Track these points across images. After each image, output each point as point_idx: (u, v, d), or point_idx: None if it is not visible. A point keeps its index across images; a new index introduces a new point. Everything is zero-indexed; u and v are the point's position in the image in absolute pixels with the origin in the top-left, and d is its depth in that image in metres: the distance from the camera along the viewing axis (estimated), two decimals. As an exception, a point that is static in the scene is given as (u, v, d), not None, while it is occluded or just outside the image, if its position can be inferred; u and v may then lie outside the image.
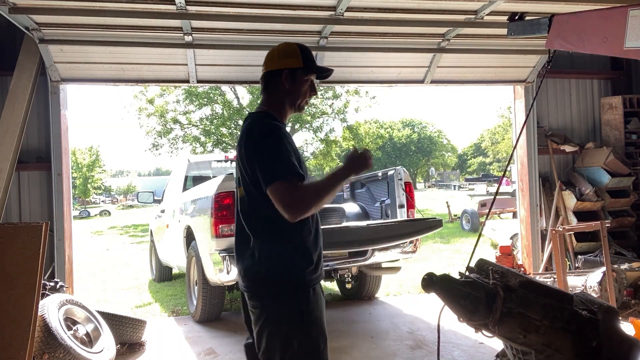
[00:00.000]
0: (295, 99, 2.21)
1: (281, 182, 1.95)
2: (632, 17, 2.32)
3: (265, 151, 2.01)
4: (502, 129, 44.39)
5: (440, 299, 2.02)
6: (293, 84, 2.19)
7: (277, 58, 2.23)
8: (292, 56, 2.20)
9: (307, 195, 1.96)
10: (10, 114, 5.26)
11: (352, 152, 2.09)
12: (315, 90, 2.28)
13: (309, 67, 2.20)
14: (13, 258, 3.17)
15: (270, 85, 2.24)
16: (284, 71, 2.18)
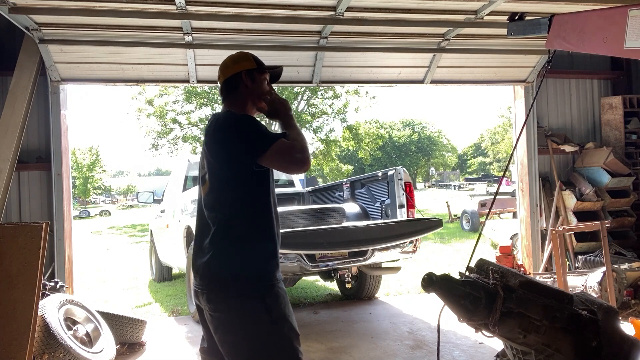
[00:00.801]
0: (258, 98, 2.32)
1: (278, 143, 2.03)
2: (632, 17, 2.32)
3: (247, 127, 2.08)
4: (502, 129, 44.38)
5: (440, 299, 2.02)
6: (254, 83, 2.30)
7: (232, 64, 2.34)
8: (245, 60, 2.33)
9: (300, 143, 2.08)
10: (10, 114, 5.26)
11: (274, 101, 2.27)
12: (271, 87, 2.40)
13: (261, 67, 2.34)
14: (13, 258, 3.17)
15: (231, 91, 2.32)
16: (242, 72, 2.29)
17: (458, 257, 9.70)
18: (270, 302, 2.02)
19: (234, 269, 2.04)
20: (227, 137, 2.09)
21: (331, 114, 23.06)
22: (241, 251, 2.05)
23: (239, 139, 2.06)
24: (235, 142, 2.06)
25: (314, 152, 23.91)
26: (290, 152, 2.04)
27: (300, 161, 2.05)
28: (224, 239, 2.08)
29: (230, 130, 2.10)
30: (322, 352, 4.54)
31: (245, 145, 2.04)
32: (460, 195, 27.72)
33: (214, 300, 2.07)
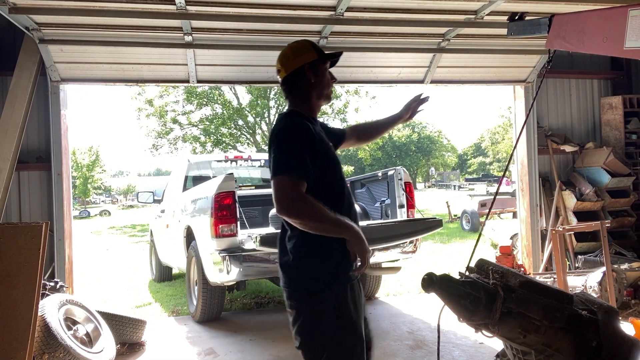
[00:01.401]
0: (322, 89, 2.26)
1: (281, 177, 2.01)
2: (632, 17, 2.32)
3: (278, 145, 2.08)
4: (502, 129, 44.37)
5: (440, 299, 2.02)
6: (317, 76, 2.23)
7: (292, 57, 2.25)
8: (307, 51, 2.25)
9: (303, 205, 1.99)
10: (10, 114, 5.26)
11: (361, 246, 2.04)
12: (333, 76, 2.33)
13: (323, 56, 2.26)
14: (13, 258, 3.17)
15: (295, 86, 2.26)
16: (305, 66, 2.21)
17: (458, 257, 9.70)
18: (341, 304, 2.06)
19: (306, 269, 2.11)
20: (269, 147, 2.15)
21: (331, 114, 23.05)
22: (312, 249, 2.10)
23: (271, 154, 2.10)
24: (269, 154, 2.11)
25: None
26: (278, 194, 2.01)
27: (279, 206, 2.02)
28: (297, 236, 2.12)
29: (271, 140, 2.14)
30: (322, 352, 4.53)
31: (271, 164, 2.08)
32: (460, 195, 27.72)
33: (289, 297, 2.15)
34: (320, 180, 2.09)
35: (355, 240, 2.02)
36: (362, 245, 2.03)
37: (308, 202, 1.99)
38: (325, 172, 2.13)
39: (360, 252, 2.03)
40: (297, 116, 2.19)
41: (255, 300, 6.72)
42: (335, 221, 2.01)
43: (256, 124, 22.93)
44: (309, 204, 1.99)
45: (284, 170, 2.02)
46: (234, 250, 4.71)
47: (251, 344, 4.87)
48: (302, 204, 1.98)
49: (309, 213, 1.99)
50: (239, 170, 8.03)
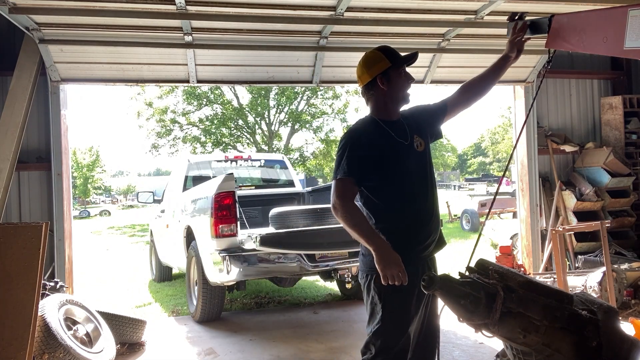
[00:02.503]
0: (397, 93, 2.47)
1: (335, 181, 2.36)
2: (632, 17, 2.32)
3: (340, 149, 2.40)
4: (502, 129, 44.35)
5: (440, 299, 2.02)
6: (390, 84, 2.43)
7: (366, 70, 2.45)
8: (378, 61, 2.43)
9: (345, 208, 2.31)
10: (10, 114, 5.26)
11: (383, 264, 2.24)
12: (410, 76, 2.53)
13: (396, 62, 2.45)
14: (13, 258, 3.17)
15: (371, 95, 2.47)
16: (378, 77, 2.42)
17: (458, 257, 9.70)
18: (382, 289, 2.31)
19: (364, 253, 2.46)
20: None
21: (331, 114, 23.06)
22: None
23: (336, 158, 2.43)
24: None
25: (314, 152, 23.92)
26: (332, 193, 2.35)
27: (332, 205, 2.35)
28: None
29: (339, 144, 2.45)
30: (322, 352, 4.54)
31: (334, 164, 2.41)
32: (460, 195, 27.70)
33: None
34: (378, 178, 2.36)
35: (378, 258, 2.22)
36: (384, 264, 2.21)
37: (348, 208, 2.31)
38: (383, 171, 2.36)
39: (380, 269, 2.21)
40: (365, 122, 2.46)
41: (255, 300, 6.72)
42: (366, 234, 2.28)
43: (256, 124, 22.93)
44: (348, 211, 2.30)
45: (336, 174, 2.35)
46: (234, 250, 4.71)
47: (251, 344, 4.87)
48: (342, 208, 2.30)
49: (345, 218, 2.30)
50: (239, 170, 8.03)
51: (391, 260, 2.21)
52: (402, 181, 2.39)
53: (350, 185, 2.33)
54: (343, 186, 2.32)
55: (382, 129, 2.42)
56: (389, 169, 2.37)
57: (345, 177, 2.32)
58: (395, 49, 2.53)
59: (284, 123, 23.34)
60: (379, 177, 2.36)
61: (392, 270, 2.20)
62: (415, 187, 2.43)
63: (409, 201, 2.40)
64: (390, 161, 2.38)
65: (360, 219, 2.31)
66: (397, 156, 2.40)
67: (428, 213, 2.49)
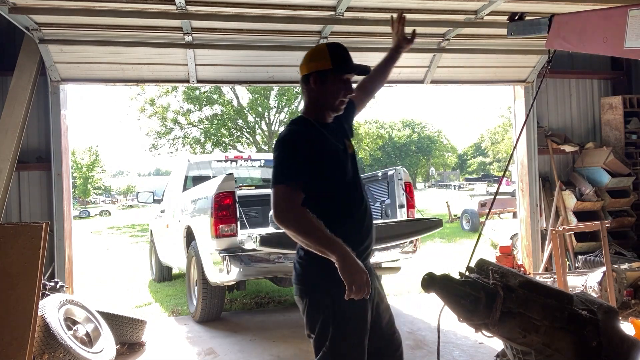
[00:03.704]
0: (328, 100, 2.23)
1: (277, 187, 2.09)
2: (632, 17, 2.32)
3: (278, 154, 2.16)
4: (502, 129, 44.36)
5: (440, 299, 2.02)
6: (322, 86, 2.20)
7: (306, 62, 2.25)
8: (320, 58, 2.21)
9: (294, 217, 2.05)
10: (10, 114, 5.26)
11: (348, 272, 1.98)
12: (351, 89, 2.27)
13: (338, 68, 2.21)
14: (13, 258, 3.17)
15: (303, 91, 2.29)
16: (312, 74, 2.21)
17: (458, 257, 9.70)
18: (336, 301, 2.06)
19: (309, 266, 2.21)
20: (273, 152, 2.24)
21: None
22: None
23: (274, 159, 2.20)
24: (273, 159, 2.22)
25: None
26: (275, 203, 2.09)
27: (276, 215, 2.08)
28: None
29: (274, 147, 2.21)
30: (322, 352, 4.53)
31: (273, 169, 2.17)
32: (460, 195, 27.72)
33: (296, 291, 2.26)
34: (323, 185, 2.15)
35: (342, 266, 1.96)
36: (350, 272, 1.96)
37: (300, 215, 2.04)
38: (328, 177, 2.17)
39: (347, 280, 1.96)
40: (301, 124, 2.23)
41: (255, 300, 6.72)
42: (325, 241, 2.00)
43: (256, 124, 22.94)
44: (301, 218, 2.04)
45: (282, 179, 2.09)
46: (234, 250, 4.71)
47: (251, 344, 4.87)
48: (294, 215, 2.04)
49: (298, 226, 2.04)
50: (239, 170, 8.03)
51: (359, 269, 1.97)
52: (345, 186, 2.22)
53: (297, 191, 2.09)
54: (290, 192, 2.07)
55: (319, 131, 2.22)
56: (332, 173, 2.19)
57: (292, 182, 2.08)
58: (348, 53, 2.31)
59: (284, 123, 23.34)
60: (323, 181, 2.16)
61: (361, 279, 1.96)
62: (357, 191, 2.27)
63: (354, 206, 2.23)
64: (333, 165, 2.20)
65: (317, 223, 2.03)
66: (337, 160, 2.23)
67: (369, 218, 2.29)
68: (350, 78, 2.27)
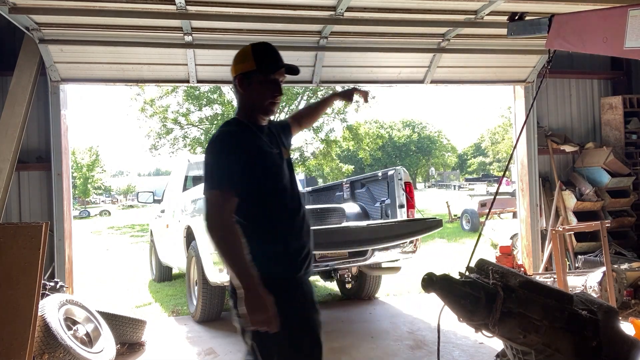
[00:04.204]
0: (256, 102, 2.17)
1: (211, 192, 2.03)
2: (632, 17, 2.32)
3: (211, 158, 2.07)
4: (502, 129, 44.36)
5: (440, 299, 2.02)
6: (249, 88, 2.16)
7: (233, 64, 2.22)
8: (244, 60, 2.17)
9: (226, 229, 1.97)
10: (10, 114, 5.26)
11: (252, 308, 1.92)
12: (279, 90, 2.20)
13: (263, 68, 2.14)
14: (13, 258, 3.17)
15: (235, 93, 2.25)
16: (238, 77, 2.18)
17: (458, 257, 9.70)
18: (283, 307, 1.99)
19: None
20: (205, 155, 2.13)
21: (331, 114, 23.06)
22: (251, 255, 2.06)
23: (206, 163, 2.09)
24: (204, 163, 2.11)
25: (314, 152, 23.91)
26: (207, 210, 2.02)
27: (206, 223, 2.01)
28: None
29: (206, 150, 2.11)
30: (322, 352, 4.53)
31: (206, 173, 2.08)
32: (460, 195, 27.72)
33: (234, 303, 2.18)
34: (257, 188, 2.08)
35: (248, 300, 1.90)
36: (252, 308, 1.90)
37: (229, 230, 1.97)
38: (262, 180, 2.09)
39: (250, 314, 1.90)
40: (234, 125, 2.16)
41: (255, 300, 6.71)
42: (240, 266, 1.93)
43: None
44: (227, 233, 1.96)
45: (215, 185, 2.02)
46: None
47: (251, 344, 4.87)
48: (222, 228, 1.97)
49: (223, 241, 1.96)
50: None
51: (262, 306, 1.90)
52: (281, 189, 2.15)
53: (231, 197, 2.00)
54: (223, 199, 1.98)
55: (255, 133, 2.14)
56: (266, 176, 2.10)
57: (226, 189, 1.99)
58: (275, 52, 2.21)
59: (284, 123, 23.34)
60: (258, 184, 2.08)
61: (261, 317, 1.90)
62: (293, 196, 2.19)
63: (289, 211, 2.15)
64: (267, 168, 2.11)
65: (240, 247, 1.95)
66: (272, 163, 2.14)
67: (307, 225, 2.21)
68: (279, 78, 2.20)
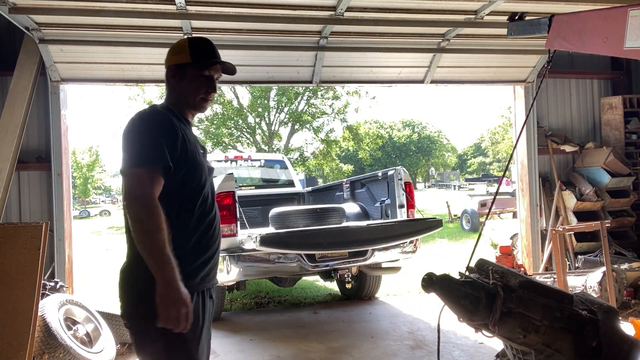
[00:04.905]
0: (188, 96, 2.07)
1: (136, 170, 1.82)
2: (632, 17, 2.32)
3: (134, 133, 1.89)
4: (502, 129, 44.38)
5: (440, 299, 2.02)
6: (181, 81, 2.06)
7: (169, 54, 2.15)
8: (180, 52, 2.09)
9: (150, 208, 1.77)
10: (10, 114, 5.26)
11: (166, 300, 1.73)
12: (213, 87, 2.11)
13: (198, 62, 2.06)
14: (13, 258, 3.17)
15: (166, 82, 2.13)
16: (171, 67, 2.09)
17: (458, 257, 9.70)
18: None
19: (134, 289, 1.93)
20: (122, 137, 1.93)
21: (331, 114, 23.07)
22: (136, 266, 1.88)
23: (123, 145, 1.90)
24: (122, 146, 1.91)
25: (314, 152, 23.91)
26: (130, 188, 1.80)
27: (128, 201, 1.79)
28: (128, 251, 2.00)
29: (125, 129, 1.92)
30: (322, 352, 4.54)
31: (122, 154, 1.88)
32: (460, 195, 27.71)
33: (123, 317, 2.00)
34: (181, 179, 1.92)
35: (163, 293, 1.72)
36: (168, 303, 1.72)
37: (154, 209, 1.77)
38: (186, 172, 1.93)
39: (162, 310, 1.72)
40: (164, 108, 2.04)
41: (255, 300, 6.72)
42: (161, 254, 1.73)
43: (256, 124, 22.95)
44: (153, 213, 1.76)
45: (142, 161, 1.82)
46: (234, 250, 4.71)
47: (251, 344, 4.87)
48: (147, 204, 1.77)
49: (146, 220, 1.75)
50: (239, 170, 8.03)
51: (180, 301, 1.73)
52: (201, 188, 1.99)
53: (158, 175, 1.82)
54: (151, 176, 1.80)
55: (183, 123, 2.03)
56: (190, 169, 1.94)
57: (154, 164, 1.81)
58: (212, 47, 2.14)
59: (284, 123, 23.36)
60: (186, 172, 1.92)
61: (178, 313, 1.72)
62: (210, 200, 2.04)
63: (207, 211, 1.99)
64: (192, 161, 1.96)
65: (165, 233, 1.75)
66: (197, 158, 2.00)
67: (217, 232, 2.06)
68: (215, 75, 2.12)
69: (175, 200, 1.90)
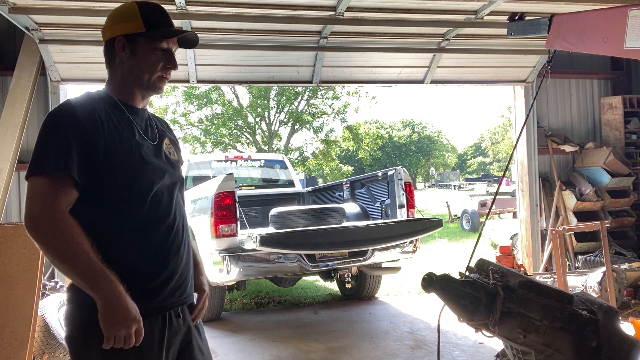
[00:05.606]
0: (141, 75, 1.70)
1: (36, 179, 1.49)
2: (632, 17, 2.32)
3: (42, 136, 1.54)
4: (502, 129, 44.40)
5: (440, 299, 2.02)
6: (134, 55, 1.69)
7: (110, 23, 1.77)
8: (129, 19, 1.71)
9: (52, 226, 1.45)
10: (10, 114, 5.26)
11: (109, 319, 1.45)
12: (173, 62, 1.74)
13: (154, 32, 1.68)
14: (13, 258, 3.17)
15: (107, 61, 1.77)
16: (118, 38, 1.70)
17: (458, 257, 9.70)
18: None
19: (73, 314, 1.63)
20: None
21: (331, 114, 23.08)
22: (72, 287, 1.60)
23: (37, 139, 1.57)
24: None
25: (314, 152, 23.92)
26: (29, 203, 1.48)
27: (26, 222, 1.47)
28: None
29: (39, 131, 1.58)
30: (322, 352, 4.54)
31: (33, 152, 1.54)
32: (460, 195, 27.71)
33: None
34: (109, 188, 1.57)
35: (105, 312, 1.44)
36: (112, 322, 1.44)
37: (58, 225, 1.44)
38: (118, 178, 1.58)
39: (106, 330, 1.45)
40: (95, 98, 1.70)
41: (255, 300, 6.72)
42: (88, 271, 1.44)
43: (256, 124, 22.96)
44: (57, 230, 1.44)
45: (40, 168, 1.49)
46: (234, 250, 4.71)
47: (251, 344, 4.87)
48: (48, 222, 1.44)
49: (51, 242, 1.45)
50: (239, 170, 8.03)
51: (126, 318, 1.45)
52: (147, 192, 1.61)
53: (65, 186, 1.48)
54: (52, 188, 1.46)
55: (123, 112, 1.68)
56: (130, 170, 1.59)
57: (59, 173, 1.47)
58: (166, 14, 1.75)
59: (284, 123, 23.36)
60: (113, 179, 1.56)
61: (126, 329, 1.45)
62: (164, 204, 1.66)
63: (154, 224, 1.63)
64: (134, 159, 1.61)
65: (82, 242, 1.45)
66: (142, 155, 1.63)
67: (177, 243, 1.68)
68: (172, 48, 1.74)
69: (112, 210, 1.57)
